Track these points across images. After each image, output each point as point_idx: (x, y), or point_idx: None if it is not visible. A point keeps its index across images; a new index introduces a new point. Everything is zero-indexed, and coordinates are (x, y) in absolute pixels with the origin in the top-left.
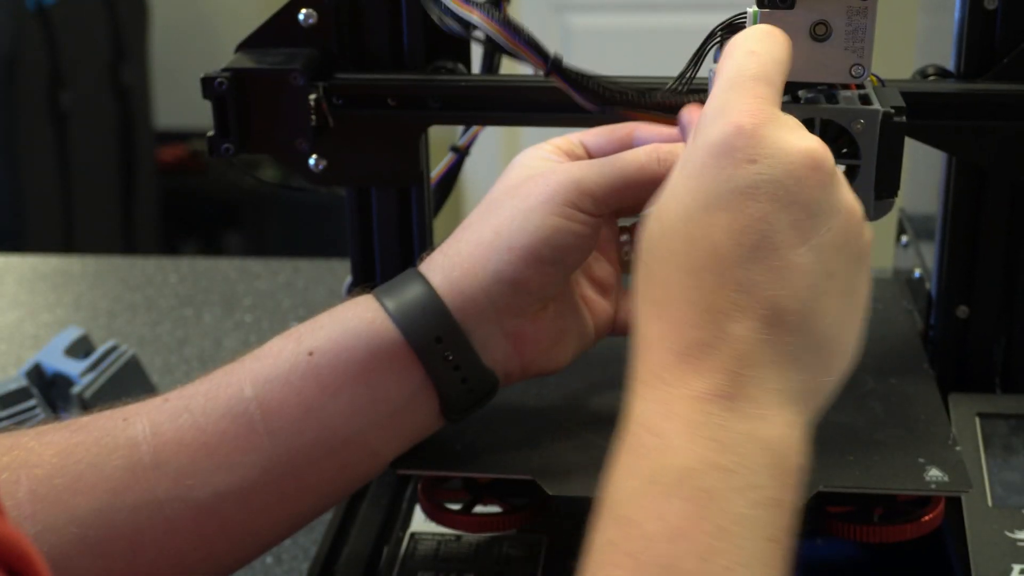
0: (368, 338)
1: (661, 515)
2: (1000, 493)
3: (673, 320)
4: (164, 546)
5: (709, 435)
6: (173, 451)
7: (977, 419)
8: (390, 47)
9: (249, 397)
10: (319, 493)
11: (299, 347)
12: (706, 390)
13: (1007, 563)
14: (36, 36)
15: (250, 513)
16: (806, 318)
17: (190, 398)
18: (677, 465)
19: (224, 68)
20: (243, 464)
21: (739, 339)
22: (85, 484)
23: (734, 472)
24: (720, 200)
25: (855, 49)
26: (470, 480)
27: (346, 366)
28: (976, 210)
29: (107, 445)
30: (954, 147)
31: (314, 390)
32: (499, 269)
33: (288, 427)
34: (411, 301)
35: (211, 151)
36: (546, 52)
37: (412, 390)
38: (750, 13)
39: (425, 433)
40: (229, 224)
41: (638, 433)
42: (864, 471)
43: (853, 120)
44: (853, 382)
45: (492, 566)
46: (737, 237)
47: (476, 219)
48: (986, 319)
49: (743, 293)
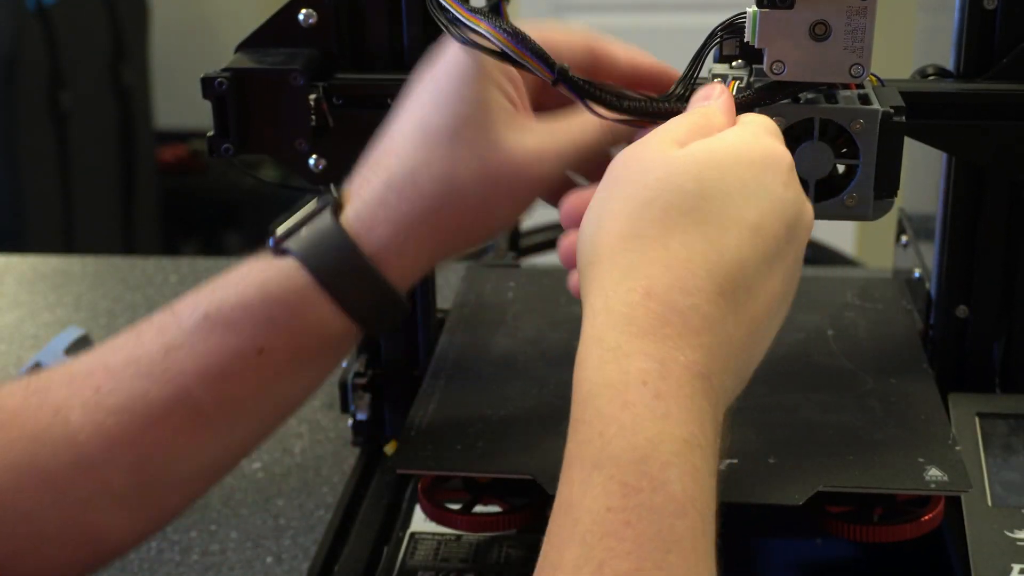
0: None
1: (663, 485)
2: (1000, 493)
3: (683, 283)
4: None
5: (697, 409)
6: (124, 447)
7: (977, 419)
8: (390, 47)
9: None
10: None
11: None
12: (697, 365)
13: (1007, 563)
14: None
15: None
16: (765, 331)
17: (129, 389)
18: (678, 436)
19: (224, 68)
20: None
21: (728, 328)
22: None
23: (709, 450)
24: (760, 201)
25: (854, 49)
26: (470, 480)
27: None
28: (976, 210)
29: (45, 443)
30: (954, 147)
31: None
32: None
33: (241, 411)
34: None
35: (211, 151)
36: (553, 62)
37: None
38: (750, 13)
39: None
40: (229, 224)
41: (632, 383)
42: (864, 471)
43: (852, 120)
44: (853, 382)
45: (492, 566)
46: (761, 242)
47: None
48: (986, 319)
49: (744, 290)
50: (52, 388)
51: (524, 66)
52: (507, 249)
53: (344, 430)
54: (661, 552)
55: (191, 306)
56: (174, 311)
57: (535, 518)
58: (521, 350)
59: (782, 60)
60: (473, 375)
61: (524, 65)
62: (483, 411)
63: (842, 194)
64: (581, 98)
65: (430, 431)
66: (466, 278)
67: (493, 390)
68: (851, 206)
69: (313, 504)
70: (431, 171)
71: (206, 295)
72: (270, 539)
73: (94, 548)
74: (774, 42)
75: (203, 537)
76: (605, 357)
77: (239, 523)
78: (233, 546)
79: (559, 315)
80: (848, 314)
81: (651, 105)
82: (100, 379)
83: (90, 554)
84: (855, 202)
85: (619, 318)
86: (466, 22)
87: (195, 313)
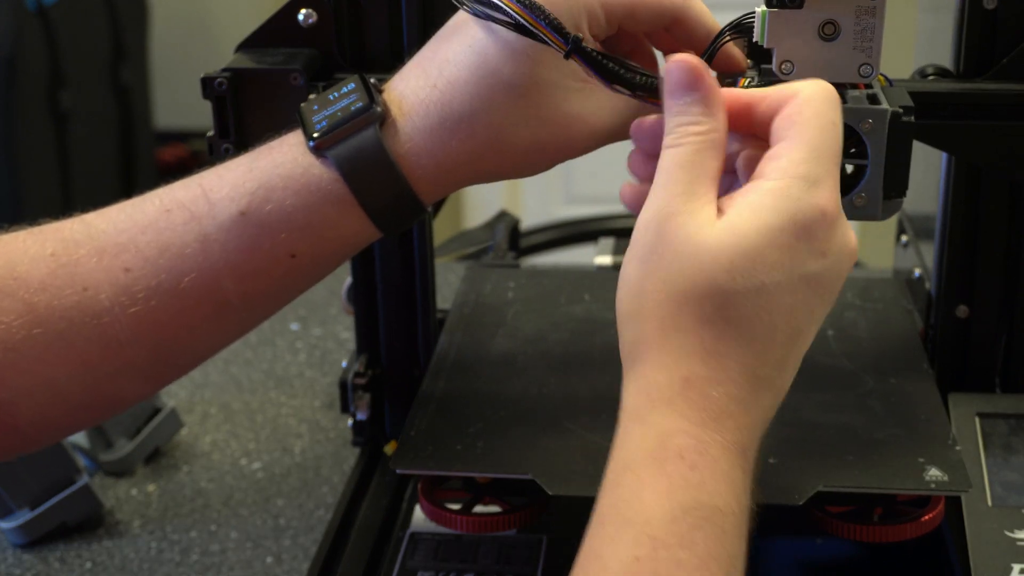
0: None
1: (691, 545)
2: (1000, 493)
3: (720, 370)
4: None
5: (730, 480)
6: (151, 330)
7: (977, 419)
8: (390, 47)
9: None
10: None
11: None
12: (734, 444)
13: (1007, 563)
14: (36, 36)
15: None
16: (781, 392)
17: (158, 277)
18: (709, 504)
19: (224, 68)
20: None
21: (764, 407)
22: (53, 355)
23: (739, 517)
24: (791, 283)
25: (863, 49)
26: (470, 480)
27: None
28: (976, 210)
29: (73, 321)
30: (954, 147)
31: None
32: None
33: (264, 305)
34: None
35: (211, 151)
36: (567, 32)
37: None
38: (758, 13)
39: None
40: None
41: (671, 458)
42: (864, 471)
43: (862, 120)
44: (853, 382)
45: (492, 566)
46: (791, 320)
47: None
48: (986, 319)
49: (776, 369)
50: (80, 262)
51: (539, 37)
52: (507, 249)
53: (344, 430)
54: None
55: (226, 198)
56: (207, 196)
57: (535, 518)
58: (521, 350)
59: (791, 60)
60: (473, 375)
61: (538, 36)
62: (483, 411)
63: (851, 194)
64: (594, 71)
65: (430, 431)
66: (466, 278)
67: (493, 390)
68: (860, 206)
69: (313, 504)
70: (490, 120)
71: (241, 187)
72: (270, 539)
73: (112, 409)
74: (783, 42)
75: (203, 537)
76: (647, 434)
77: (239, 523)
78: (233, 546)
79: (559, 315)
80: (848, 314)
81: (662, 83)
82: (130, 260)
83: (107, 412)
84: (864, 202)
85: (660, 403)
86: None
87: (231, 207)
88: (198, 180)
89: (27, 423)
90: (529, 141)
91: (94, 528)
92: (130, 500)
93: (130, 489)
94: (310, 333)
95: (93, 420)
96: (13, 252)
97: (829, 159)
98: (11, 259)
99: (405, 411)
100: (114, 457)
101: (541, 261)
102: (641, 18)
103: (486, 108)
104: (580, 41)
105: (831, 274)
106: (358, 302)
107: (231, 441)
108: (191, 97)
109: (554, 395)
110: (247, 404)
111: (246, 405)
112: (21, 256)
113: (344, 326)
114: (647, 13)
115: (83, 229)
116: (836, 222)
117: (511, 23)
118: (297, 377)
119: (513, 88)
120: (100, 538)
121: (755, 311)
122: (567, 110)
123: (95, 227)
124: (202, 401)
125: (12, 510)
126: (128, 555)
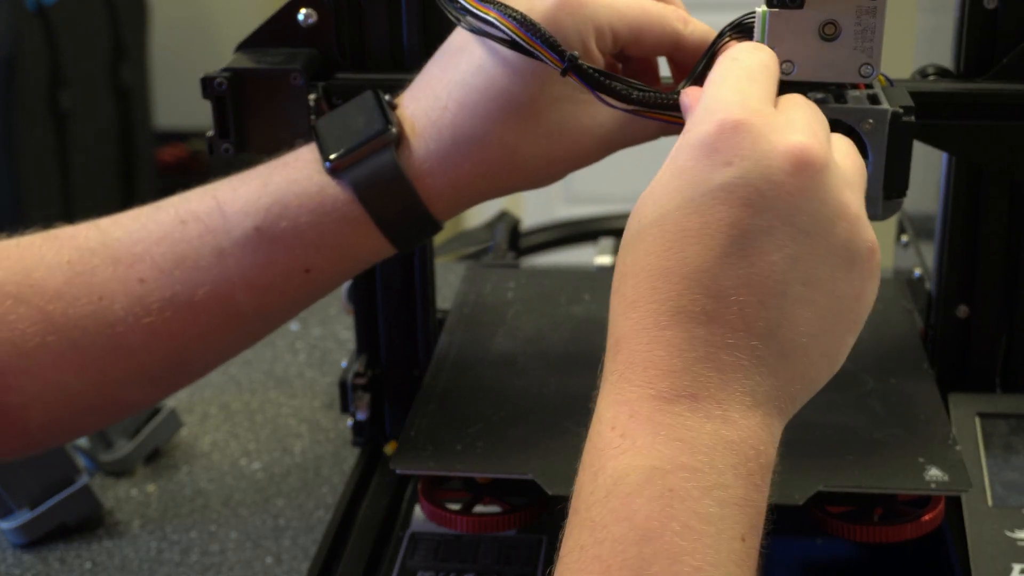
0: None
1: (628, 516)
2: (1000, 493)
3: (641, 320)
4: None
5: (674, 435)
6: (163, 340)
7: (977, 419)
8: (390, 47)
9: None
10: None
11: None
12: (671, 390)
13: (1007, 563)
14: (36, 36)
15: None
16: (776, 325)
17: (173, 289)
18: (643, 465)
19: (224, 68)
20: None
21: (705, 342)
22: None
23: (700, 471)
24: (693, 203)
25: (864, 48)
26: (470, 480)
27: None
28: (976, 210)
29: (87, 329)
30: (954, 147)
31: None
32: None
33: (277, 317)
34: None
35: (211, 151)
36: (563, 50)
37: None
38: (759, 13)
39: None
40: None
41: (603, 433)
42: (864, 471)
43: (862, 120)
44: (853, 382)
45: (492, 566)
46: (707, 241)
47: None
48: (986, 319)
49: (710, 298)
50: (96, 271)
51: (533, 54)
52: (507, 249)
53: (344, 430)
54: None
55: (241, 212)
56: (222, 209)
57: (535, 518)
58: (521, 350)
59: (791, 60)
60: (473, 375)
61: (533, 53)
62: (483, 411)
63: None
64: (591, 88)
65: (430, 431)
66: (466, 278)
67: (493, 390)
68: None
69: (313, 504)
70: (502, 140)
71: (256, 202)
72: (270, 539)
73: (121, 414)
74: (783, 42)
75: (203, 537)
76: (596, 428)
77: (239, 523)
78: (233, 546)
79: (559, 315)
80: None
81: (659, 97)
82: (145, 271)
83: (116, 417)
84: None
85: (604, 385)
86: (475, 11)
87: (245, 222)
88: (212, 192)
89: (37, 427)
90: (541, 156)
91: (94, 528)
92: (130, 500)
93: (130, 489)
94: (310, 333)
95: (101, 424)
96: (29, 258)
97: (724, 82)
98: (27, 265)
99: (405, 411)
100: (114, 457)
101: (541, 261)
102: (646, 43)
103: (498, 129)
104: (576, 59)
105: (747, 177)
106: (358, 302)
107: (231, 441)
108: (191, 97)
109: (554, 395)
110: (247, 404)
111: (246, 405)
112: (37, 262)
113: (344, 326)
114: (652, 39)
115: (98, 236)
116: (742, 128)
117: (506, 40)
118: (297, 377)
119: (523, 107)
120: (100, 538)
121: (661, 243)
122: (577, 123)
123: (110, 235)
124: (202, 401)
125: (12, 510)
126: (128, 555)
